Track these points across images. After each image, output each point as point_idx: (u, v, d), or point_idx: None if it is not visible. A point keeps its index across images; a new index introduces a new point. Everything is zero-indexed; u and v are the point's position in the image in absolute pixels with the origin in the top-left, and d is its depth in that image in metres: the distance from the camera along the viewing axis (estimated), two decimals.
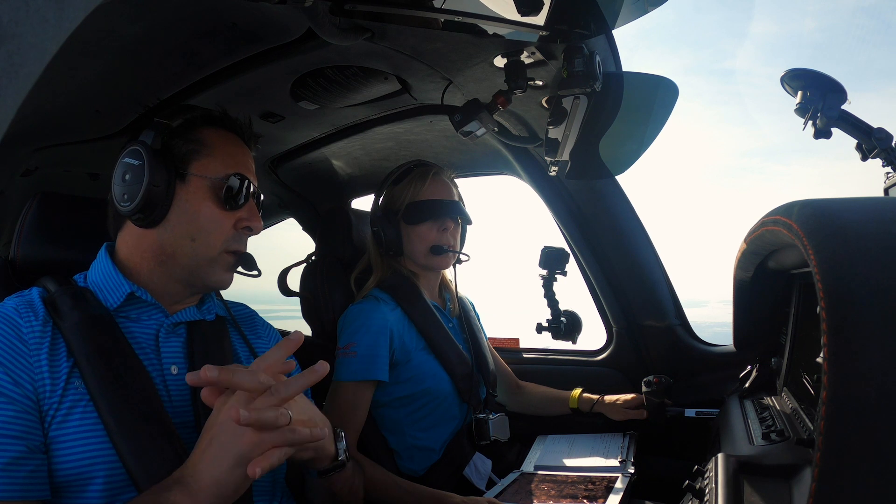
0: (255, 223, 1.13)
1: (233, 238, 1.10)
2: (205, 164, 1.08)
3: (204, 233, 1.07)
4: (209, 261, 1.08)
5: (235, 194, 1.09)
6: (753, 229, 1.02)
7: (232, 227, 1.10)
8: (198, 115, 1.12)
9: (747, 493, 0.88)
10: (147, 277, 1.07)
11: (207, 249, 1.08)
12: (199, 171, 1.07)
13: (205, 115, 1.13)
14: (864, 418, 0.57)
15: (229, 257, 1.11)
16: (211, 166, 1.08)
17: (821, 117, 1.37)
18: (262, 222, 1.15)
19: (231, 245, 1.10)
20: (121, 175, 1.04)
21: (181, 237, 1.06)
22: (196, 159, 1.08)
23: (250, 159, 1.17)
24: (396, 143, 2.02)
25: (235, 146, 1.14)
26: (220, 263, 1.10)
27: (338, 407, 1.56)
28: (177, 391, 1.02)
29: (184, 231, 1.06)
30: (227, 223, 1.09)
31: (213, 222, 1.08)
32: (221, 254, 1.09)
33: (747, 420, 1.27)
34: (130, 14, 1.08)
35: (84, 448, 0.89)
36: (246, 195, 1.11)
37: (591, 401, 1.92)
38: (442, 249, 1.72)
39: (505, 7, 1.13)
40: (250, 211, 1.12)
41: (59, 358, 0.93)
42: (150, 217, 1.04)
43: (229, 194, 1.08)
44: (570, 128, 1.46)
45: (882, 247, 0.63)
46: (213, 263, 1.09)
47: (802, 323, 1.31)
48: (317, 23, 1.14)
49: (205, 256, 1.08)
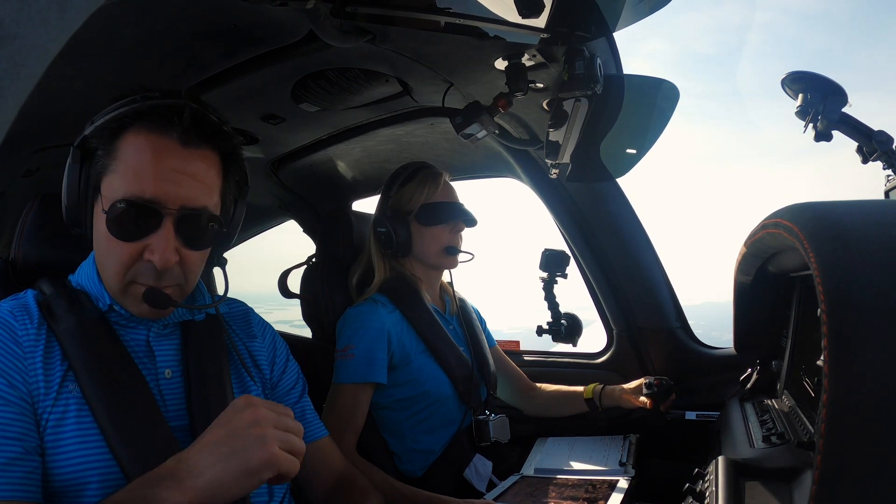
0: (159, 255, 0.92)
1: (134, 271, 0.95)
2: (109, 183, 0.93)
3: (106, 261, 0.96)
4: (119, 292, 0.97)
5: (130, 221, 0.92)
6: (754, 232, 1.01)
7: (134, 256, 0.94)
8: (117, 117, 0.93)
9: (748, 495, 0.88)
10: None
11: (112, 278, 0.96)
12: (105, 190, 0.94)
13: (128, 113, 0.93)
14: (865, 421, 0.57)
15: (139, 288, 0.95)
16: (114, 185, 0.93)
17: (821, 120, 1.37)
18: (171, 253, 0.93)
19: (136, 278, 0.95)
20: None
21: (98, 260, 0.99)
22: (105, 175, 0.94)
23: (183, 164, 0.93)
24: (397, 146, 2.02)
25: (150, 154, 0.92)
26: (132, 294, 0.96)
27: (337, 409, 1.56)
28: (171, 395, 1.01)
29: (98, 255, 0.99)
30: (122, 253, 0.93)
31: (109, 251, 0.95)
32: (130, 285, 0.95)
33: (748, 423, 1.27)
34: (131, 16, 1.08)
35: (80, 452, 0.89)
36: (144, 221, 0.92)
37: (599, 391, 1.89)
38: (456, 250, 1.76)
39: (506, 9, 1.13)
40: (160, 239, 0.93)
41: (53, 361, 0.92)
42: (81, 234, 0.99)
43: (114, 224, 0.92)
44: (570, 130, 1.46)
45: (883, 249, 0.63)
46: (125, 294, 0.97)
47: (803, 326, 1.31)
48: (318, 25, 1.14)
49: (112, 286, 0.97)
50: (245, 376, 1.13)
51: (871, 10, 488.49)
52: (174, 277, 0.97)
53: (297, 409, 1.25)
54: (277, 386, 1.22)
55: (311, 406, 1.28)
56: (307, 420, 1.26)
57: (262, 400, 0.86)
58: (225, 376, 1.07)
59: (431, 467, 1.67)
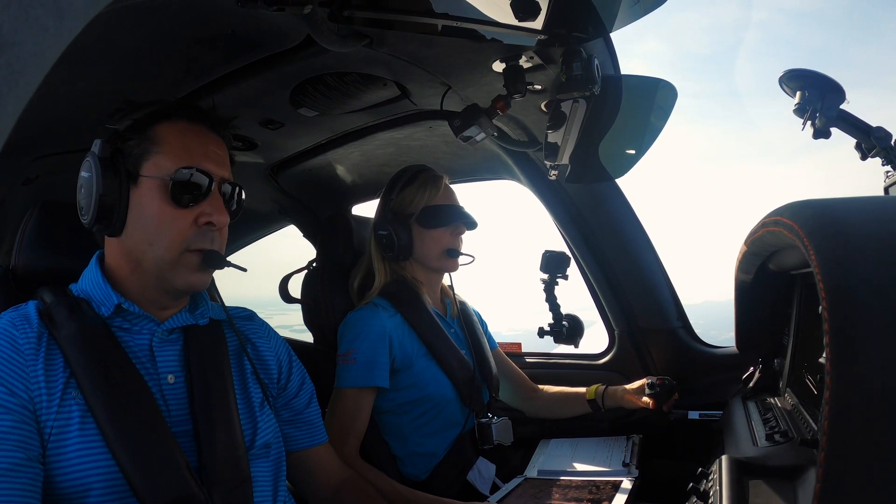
0: (217, 217, 1.04)
1: (193, 236, 1.03)
2: (155, 163, 1.02)
3: (160, 234, 1.01)
4: (171, 263, 1.02)
5: (188, 189, 1.02)
6: (754, 231, 1.01)
7: (192, 223, 1.03)
8: (149, 113, 1.05)
9: (752, 494, 0.88)
10: (129, 286, 1.04)
11: (167, 252, 1.02)
12: (150, 171, 1.02)
13: (157, 110, 1.06)
14: (868, 418, 0.57)
15: (193, 257, 1.03)
16: (161, 164, 1.02)
17: (820, 117, 1.37)
18: (225, 215, 1.07)
19: (192, 244, 1.03)
20: (78, 189, 1.03)
21: (140, 242, 1.02)
22: (147, 159, 1.02)
23: (215, 146, 1.09)
24: (396, 149, 2.02)
25: (192, 136, 1.06)
26: (184, 265, 1.03)
27: (339, 414, 1.56)
28: (174, 400, 1.02)
29: (142, 236, 1.02)
30: (183, 221, 1.02)
31: (167, 222, 1.01)
32: (183, 254, 1.03)
33: (751, 421, 1.27)
34: (130, 22, 1.08)
35: (83, 458, 0.89)
36: (202, 188, 1.04)
37: (602, 392, 1.88)
38: (457, 252, 1.76)
39: (503, 12, 1.13)
40: (212, 204, 1.04)
41: (55, 369, 0.92)
42: (109, 227, 1.01)
43: (179, 190, 1.01)
44: (569, 131, 1.46)
45: (883, 246, 0.63)
46: (176, 266, 1.02)
47: (804, 324, 1.30)
48: (316, 29, 1.15)
49: (166, 259, 1.02)
50: (248, 382, 1.14)
51: (867, 6, 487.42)
52: (219, 242, 1.08)
53: (305, 414, 1.25)
54: (285, 390, 1.23)
55: (318, 411, 1.29)
56: (312, 425, 1.26)
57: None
58: (228, 382, 1.08)
59: (434, 470, 1.67)
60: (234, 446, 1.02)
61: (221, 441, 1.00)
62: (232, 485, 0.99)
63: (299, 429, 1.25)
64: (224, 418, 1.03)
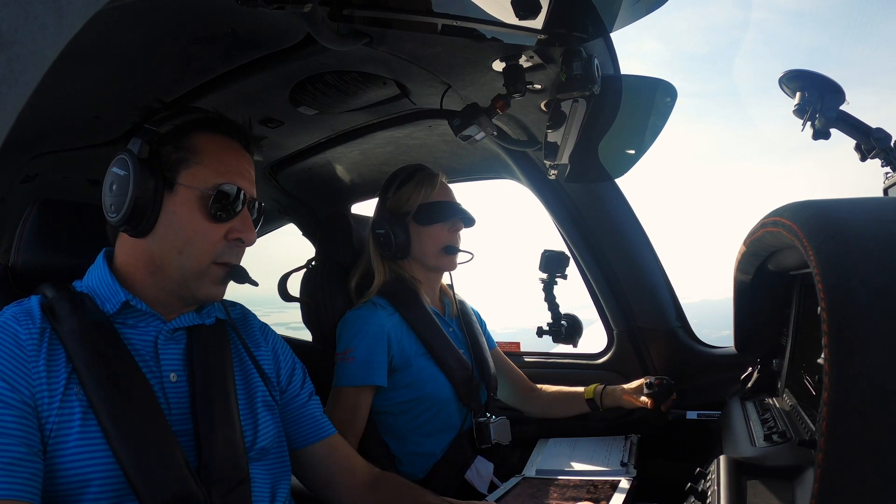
0: (247, 234, 1.08)
1: (222, 250, 1.06)
2: (194, 173, 1.04)
3: (191, 245, 1.03)
4: (197, 274, 1.05)
5: (224, 206, 1.05)
6: (753, 231, 1.01)
7: (222, 238, 1.06)
8: (190, 120, 1.07)
9: (750, 494, 0.88)
10: (141, 286, 1.05)
11: (195, 262, 1.04)
12: (188, 180, 1.03)
13: (198, 119, 1.08)
14: (866, 418, 0.57)
15: (219, 270, 1.07)
16: (200, 175, 1.04)
17: (819, 118, 1.37)
18: (254, 233, 1.10)
19: (221, 257, 1.06)
20: (109, 185, 1.02)
21: (169, 249, 1.03)
22: (185, 168, 1.03)
23: (248, 165, 1.12)
24: (396, 148, 2.02)
25: (229, 152, 1.09)
26: (210, 276, 1.06)
27: (338, 412, 1.56)
28: (176, 399, 1.02)
29: (171, 243, 1.03)
30: (215, 235, 1.05)
31: (201, 234, 1.04)
32: (210, 266, 1.05)
33: (749, 422, 1.27)
34: (129, 21, 1.08)
35: (82, 453, 0.89)
36: (237, 205, 1.07)
37: (601, 391, 1.89)
38: (455, 249, 1.77)
39: (503, 11, 1.13)
40: (243, 221, 1.08)
41: (57, 364, 0.92)
42: (137, 228, 1.01)
43: (217, 206, 1.04)
44: (569, 131, 1.46)
45: (882, 247, 0.63)
46: (201, 276, 1.05)
47: (803, 324, 1.31)
48: (315, 28, 1.14)
49: (193, 269, 1.04)
50: (250, 382, 1.14)
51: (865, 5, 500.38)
52: (241, 256, 1.11)
53: (307, 410, 1.25)
54: (287, 390, 1.23)
55: (319, 406, 1.29)
56: (315, 419, 1.26)
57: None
58: (230, 382, 1.08)
59: (433, 470, 1.67)
60: (234, 446, 1.02)
61: (221, 440, 1.01)
62: (231, 484, 0.99)
63: (303, 425, 1.24)
64: (225, 418, 1.03)
